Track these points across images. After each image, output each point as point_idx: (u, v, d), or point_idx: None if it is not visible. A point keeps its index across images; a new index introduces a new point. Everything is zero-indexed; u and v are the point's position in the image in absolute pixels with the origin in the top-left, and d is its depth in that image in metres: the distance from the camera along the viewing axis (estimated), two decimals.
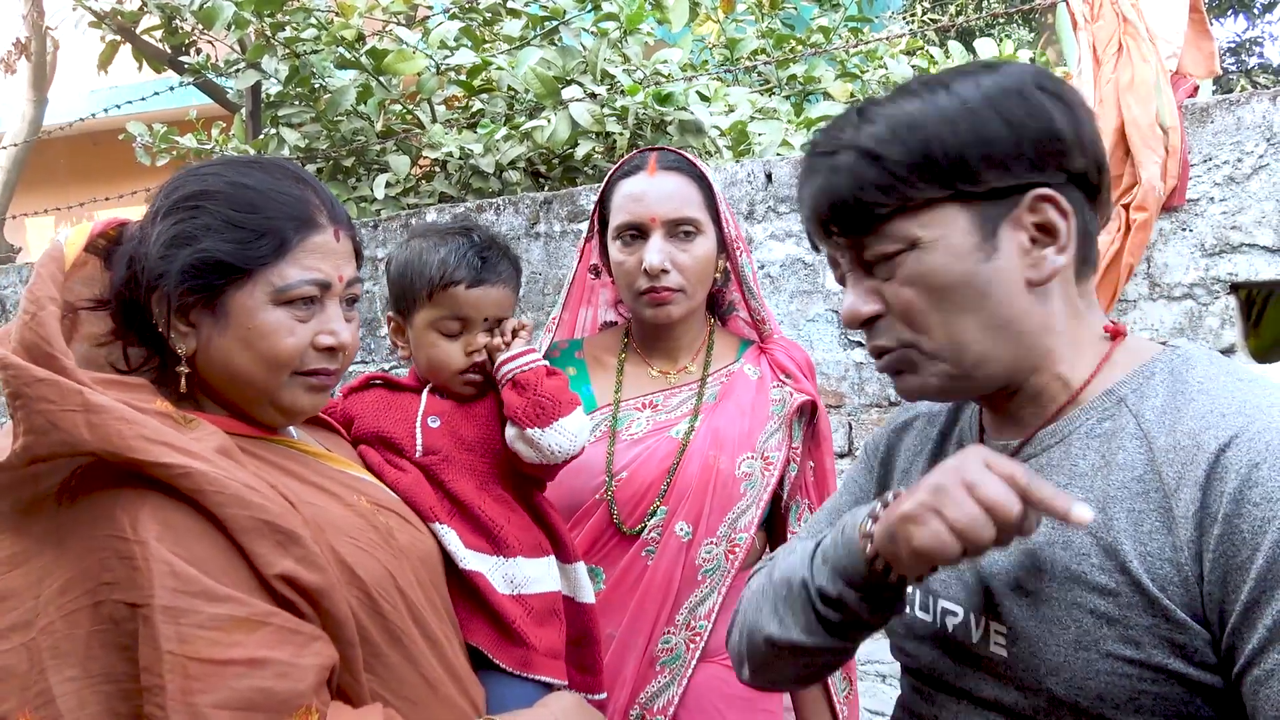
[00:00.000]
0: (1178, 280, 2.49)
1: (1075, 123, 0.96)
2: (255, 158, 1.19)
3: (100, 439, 0.98)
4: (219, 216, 1.10)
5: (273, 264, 1.11)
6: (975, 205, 0.95)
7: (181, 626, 0.96)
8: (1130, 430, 0.93)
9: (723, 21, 4.93)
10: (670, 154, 1.79)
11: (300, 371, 1.15)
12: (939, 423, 1.18)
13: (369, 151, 4.50)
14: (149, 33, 5.22)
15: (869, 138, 0.96)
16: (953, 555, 0.87)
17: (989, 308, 0.96)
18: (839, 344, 2.98)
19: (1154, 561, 0.87)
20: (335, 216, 1.18)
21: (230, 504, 1.01)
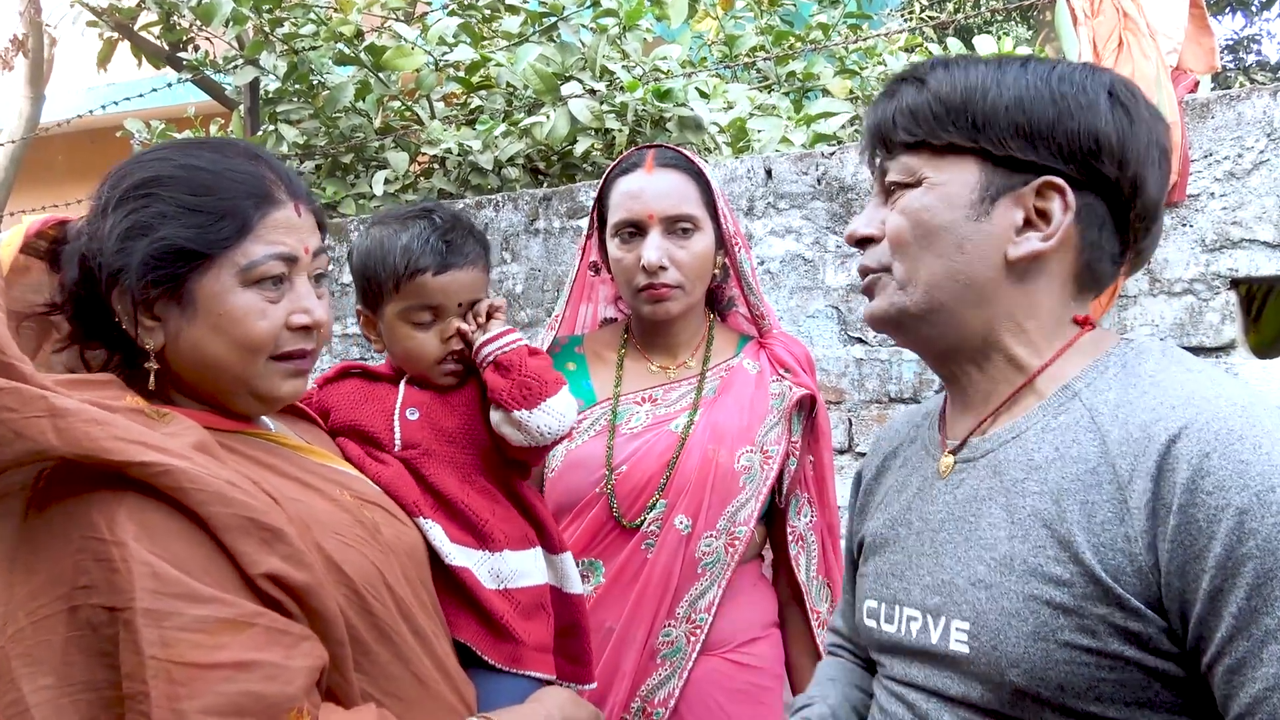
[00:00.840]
0: (1178, 276, 2.49)
1: (1126, 136, 0.98)
2: (201, 138, 1.16)
3: (70, 443, 0.94)
4: (174, 202, 1.06)
5: (236, 245, 1.07)
6: (989, 166, 1.00)
7: (165, 630, 0.92)
8: (1084, 423, 0.95)
9: (721, 18, 4.92)
10: (668, 151, 1.79)
11: (277, 356, 1.11)
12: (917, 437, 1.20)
13: (368, 148, 4.49)
14: (147, 29, 5.21)
15: (934, 75, 1.02)
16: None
17: (958, 261, 1.01)
18: (839, 340, 2.97)
19: (1107, 552, 0.88)
20: (293, 190, 1.14)
21: (212, 501, 0.97)
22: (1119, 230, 1.02)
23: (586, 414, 1.77)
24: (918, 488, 1.12)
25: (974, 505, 1.02)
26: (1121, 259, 1.04)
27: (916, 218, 1.02)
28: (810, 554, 1.82)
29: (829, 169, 3.02)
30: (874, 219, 1.07)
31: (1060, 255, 1.01)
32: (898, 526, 1.12)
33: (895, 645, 1.07)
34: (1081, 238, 1.01)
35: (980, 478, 1.03)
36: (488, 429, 1.41)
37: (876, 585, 1.12)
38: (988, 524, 0.99)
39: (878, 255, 1.07)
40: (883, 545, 1.14)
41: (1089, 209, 1.00)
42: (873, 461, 1.26)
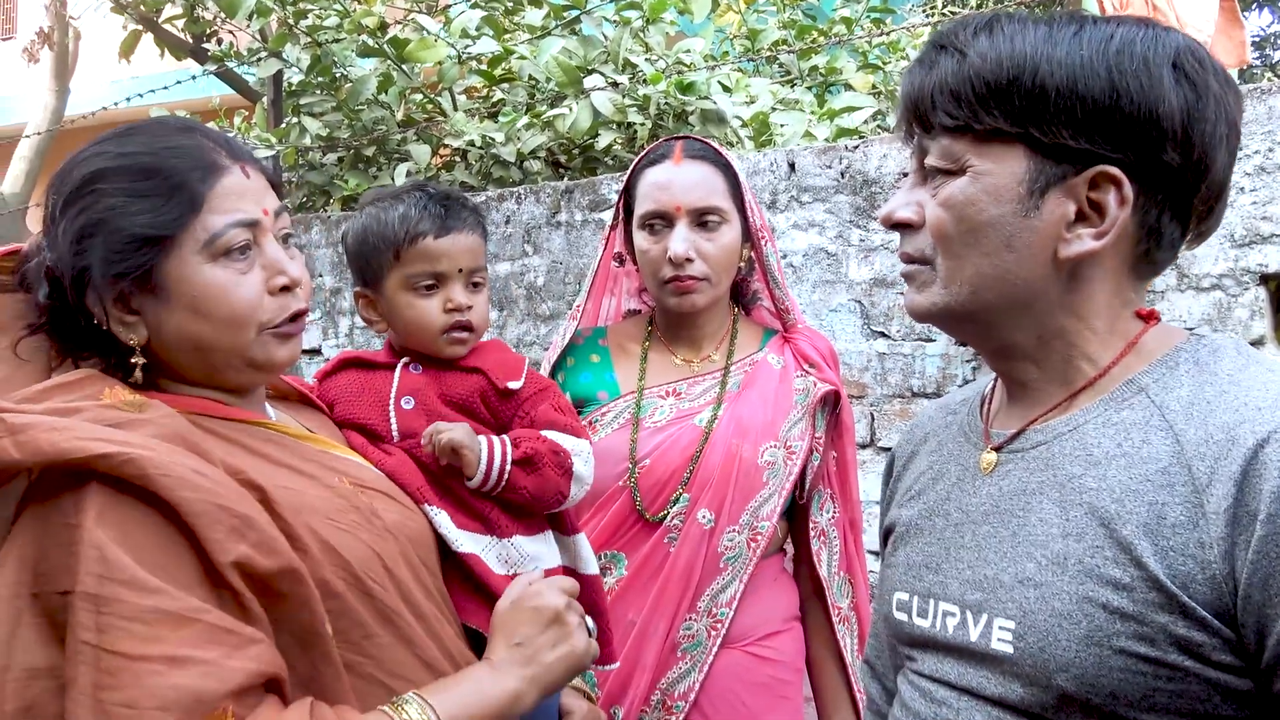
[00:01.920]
0: (1206, 271, 2.46)
1: (1193, 116, 0.89)
2: (133, 124, 1.12)
3: (32, 453, 0.93)
4: (121, 192, 1.04)
5: (192, 220, 1.05)
6: (1037, 157, 0.92)
7: (102, 616, 0.90)
8: (1154, 422, 0.90)
9: (744, 12, 4.90)
10: (696, 143, 1.78)
11: (269, 328, 1.10)
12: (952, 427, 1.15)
13: (390, 141, 4.51)
14: (171, 22, 5.25)
15: (975, 45, 0.93)
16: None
17: (1006, 260, 0.94)
18: (861, 334, 2.96)
19: (1176, 557, 0.83)
20: (235, 153, 1.10)
21: (180, 487, 0.96)
22: (1180, 214, 0.93)
23: (610, 406, 1.77)
24: (956, 477, 1.06)
25: (1022, 499, 0.96)
26: (1181, 241, 0.96)
27: (961, 212, 0.94)
28: (832, 549, 1.81)
29: (853, 162, 3.00)
30: (911, 201, 1.00)
31: (1115, 248, 0.94)
32: (933, 516, 1.07)
33: (928, 640, 1.02)
34: (1139, 226, 0.93)
35: (1030, 470, 0.97)
36: (490, 415, 1.40)
37: (908, 576, 1.07)
38: (1038, 519, 0.93)
39: (918, 244, 0.99)
40: (915, 534, 1.09)
41: (1148, 196, 0.91)
42: (905, 449, 1.21)
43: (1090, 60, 0.89)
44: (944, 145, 0.96)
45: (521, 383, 1.41)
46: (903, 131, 1.02)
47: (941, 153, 0.96)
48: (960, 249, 0.95)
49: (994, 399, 1.09)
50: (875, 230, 2.96)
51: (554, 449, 1.35)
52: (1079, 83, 0.89)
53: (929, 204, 0.98)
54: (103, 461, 0.94)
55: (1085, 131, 0.90)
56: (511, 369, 1.42)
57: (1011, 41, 0.91)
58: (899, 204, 1.01)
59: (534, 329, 3.59)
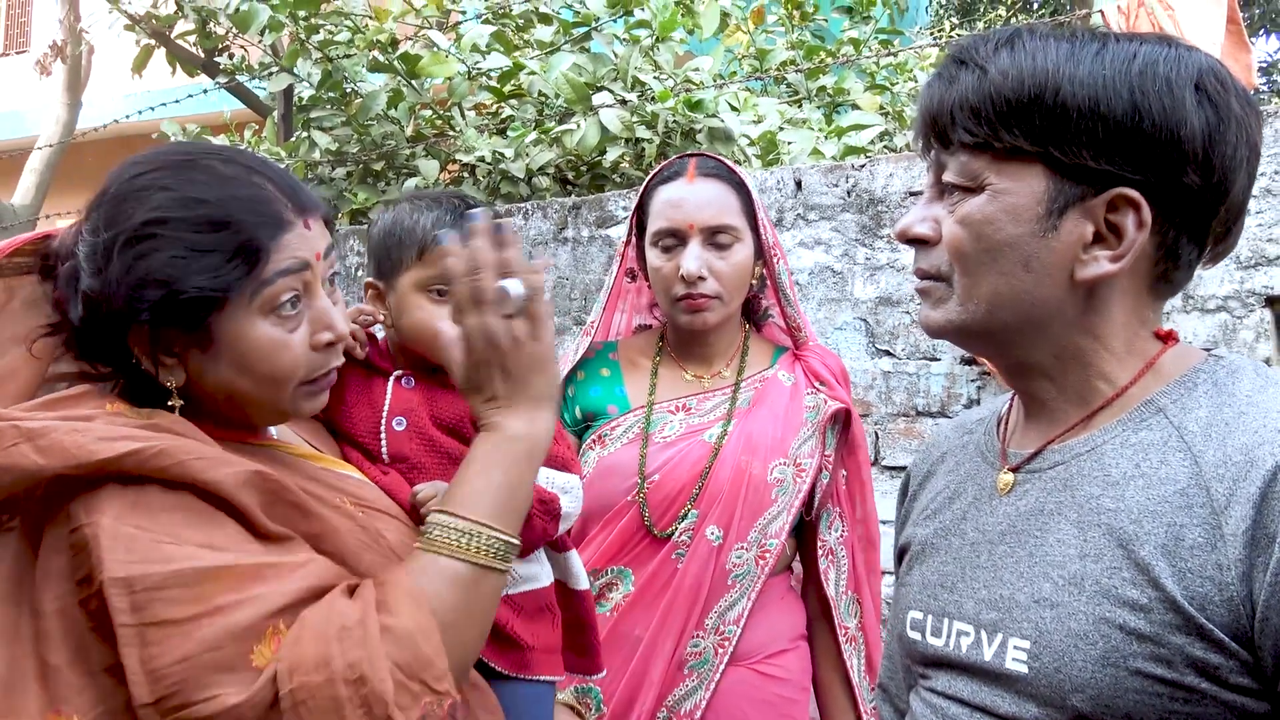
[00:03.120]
0: (1211, 293, 2.47)
1: (1214, 139, 0.89)
2: (194, 154, 1.07)
3: (58, 457, 0.92)
4: (183, 244, 1.00)
5: (251, 276, 1.03)
6: (1057, 176, 0.91)
7: (135, 595, 0.89)
8: (1172, 443, 0.89)
9: (752, 32, 4.93)
10: (709, 160, 1.79)
11: (306, 382, 1.09)
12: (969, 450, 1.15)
13: (399, 156, 4.53)
14: (183, 37, 5.29)
15: (996, 61, 0.92)
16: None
17: (1024, 280, 0.94)
18: (866, 352, 2.97)
19: (1193, 579, 0.83)
20: (300, 205, 1.08)
21: (214, 466, 0.95)
22: (1197, 236, 0.93)
23: (620, 421, 1.77)
24: (973, 497, 1.06)
25: (1040, 519, 0.95)
26: (1198, 262, 0.96)
27: (979, 230, 0.94)
28: (840, 569, 1.81)
29: (859, 181, 3.02)
30: (928, 217, 0.99)
31: (1133, 269, 0.93)
32: (949, 536, 1.06)
33: (941, 659, 1.01)
34: (1157, 248, 0.92)
35: (1047, 490, 0.96)
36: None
37: (922, 595, 1.07)
38: (1055, 540, 0.93)
39: (934, 260, 0.99)
40: (930, 553, 1.08)
41: (1166, 218, 0.91)
42: (921, 468, 1.21)
43: (1113, 80, 0.88)
44: (962, 162, 0.95)
45: None
46: (920, 146, 1.01)
47: (960, 169, 0.95)
48: (977, 267, 0.95)
49: (1011, 419, 1.09)
50: (881, 249, 2.97)
51: (542, 499, 1.32)
52: (1101, 103, 0.88)
53: (946, 220, 0.97)
54: (132, 459, 0.93)
55: (1106, 152, 0.89)
56: None
57: (1033, 59, 0.90)
58: (915, 219, 1.00)
59: None
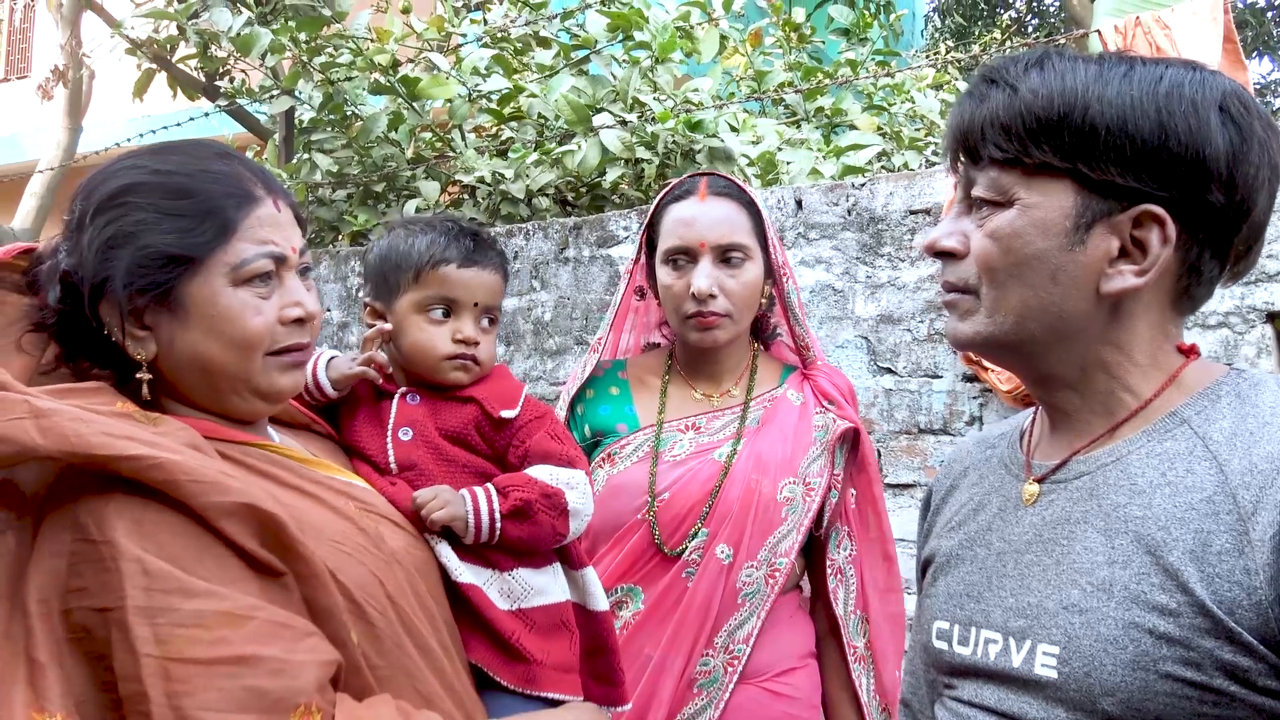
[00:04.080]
0: (1213, 309, 2.48)
1: (1237, 159, 0.92)
2: (169, 142, 1.13)
3: (56, 441, 0.91)
4: (153, 208, 1.03)
5: (222, 245, 1.05)
6: (1085, 192, 0.94)
7: (158, 626, 0.89)
8: (1198, 452, 0.92)
9: (750, 55, 4.97)
10: (720, 179, 1.80)
11: (273, 351, 1.10)
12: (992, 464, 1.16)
13: (399, 177, 4.55)
14: (184, 61, 5.32)
15: (1027, 80, 0.95)
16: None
17: (1051, 293, 0.96)
18: (868, 370, 2.97)
19: (1222, 584, 0.85)
20: (270, 186, 1.11)
21: (210, 491, 0.94)
22: (1219, 253, 0.96)
23: (629, 439, 1.77)
24: (998, 508, 1.08)
25: (1066, 528, 0.97)
26: (1219, 279, 0.99)
27: (1008, 244, 0.96)
28: (849, 588, 1.81)
29: (859, 200, 3.04)
30: (956, 231, 1.02)
31: (1157, 284, 0.96)
32: (975, 546, 1.08)
33: (969, 668, 1.03)
34: (1180, 264, 0.95)
35: (1074, 500, 0.99)
36: (485, 445, 1.38)
37: (949, 605, 1.08)
38: (1082, 547, 0.95)
39: (962, 274, 1.01)
40: (956, 564, 1.10)
41: (1190, 235, 0.94)
42: (944, 483, 1.22)
43: (1140, 100, 0.91)
44: (992, 177, 0.97)
45: (516, 411, 1.39)
46: (948, 162, 1.03)
47: (989, 184, 0.98)
48: (1006, 280, 0.97)
49: (1034, 432, 1.11)
50: (882, 267, 2.98)
51: (545, 492, 1.32)
52: (1129, 122, 0.91)
53: (974, 234, 1.00)
54: (129, 463, 0.93)
55: (1133, 169, 0.92)
56: (507, 397, 1.40)
57: (1063, 78, 0.93)
58: (943, 233, 1.03)
59: (540, 364, 3.61)
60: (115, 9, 6.08)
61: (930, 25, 12.51)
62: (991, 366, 2.63)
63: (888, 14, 6.01)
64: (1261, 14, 12.61)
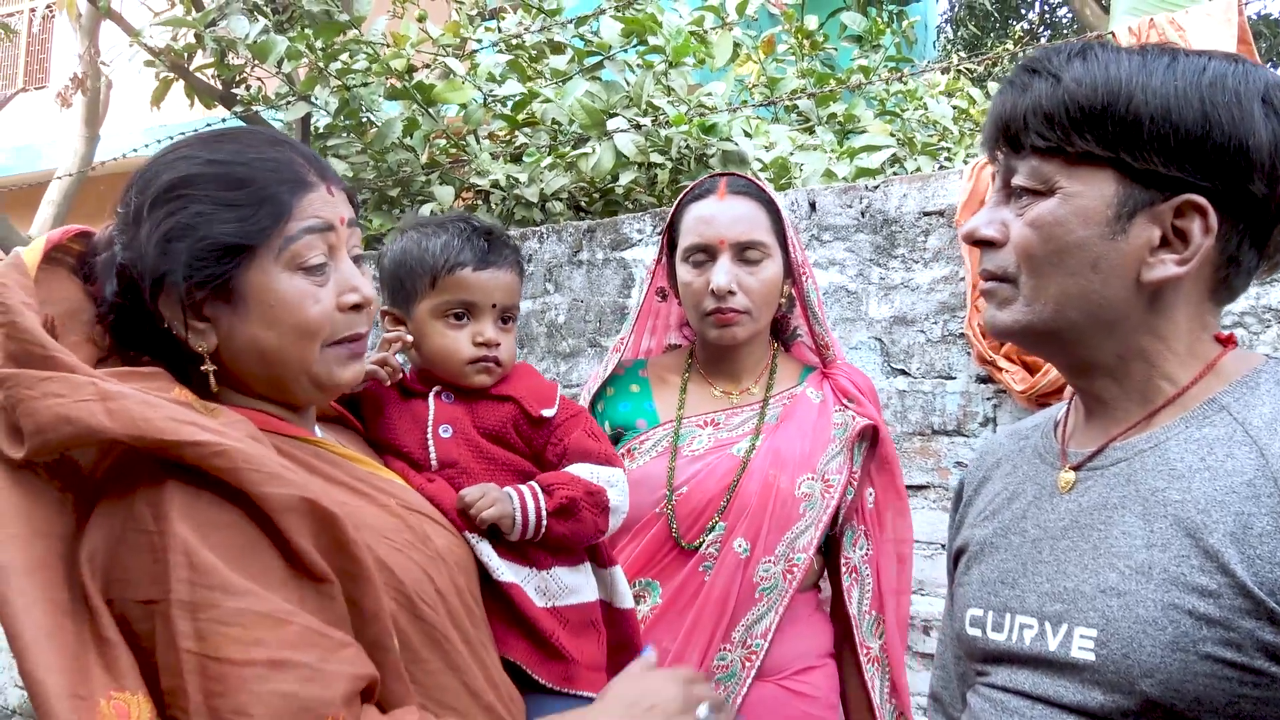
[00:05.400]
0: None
1: (1279, 149, 0.92)
2: (220, 130, 1.13)
3: (124, 424, 0.91)
4: (210, 200, 1.03)
5: (276, 230, 1.05)
6: (1127, 181, 0.94)
7: (199, 622, 0.89)
8: (1238, 437, 0.92)
9: (763, 61, 4.99)
10: (740, 179, 1.82)
11: (332, 342, 1.09)
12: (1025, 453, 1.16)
13: (414, 182, 4.58)
14: (201, 70, 5.36)
15: (1070, 70, 0.95)
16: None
17: (1092, 281, 0.97)
18: (882, 371, 2.97)
19: (1263, 565, 0.85)
20: (323, 173, 1.11)
21: (269, 482, 0.94)
22: (1259, 243, 0.96)
23: (649, 435, 1.79)
24: (1033, 496, 1.08)
25: (1104, 513, 0.98)
26: (1257, 269, 0.99)
27: (1049, 232, 0.97)
28: (864, 587, 1.81)
29: (873, 202, 3.04)
30: (995, 220, 1.02)
31: (1197, 273, 0.96)
32: (1010, 534, 1.08)
33: (1004, 653, 1.03)
34: (1220, 254, 0.96)
35: (1111, 486, 0.99)
36: (523, 444, 1.39)
37: (983, 592, 1.08)
38: (1120, 532, 0.95)
39: (1001, 262, 1.02)
40: (990, 552, 1.10)
41: (1230, 225, 0.94)
42: (976, 474, 1.23)
43: (1184, 91, 0.92)
44: (1033, 166, 0.98)
45: (555, 410, 1.40)
46: (988, 151, 1.04)
47: (1031, 173, 0.98)
48: (1047, 268, 0.98)
49: (1068, 422, 1.11)
50: (895, 269, 2.98)
51: (589, 490, 1.33)
52: (1172, 112, 0.91)
53: (1014, 223, 1.00)
54: (193, 449, 0.93)
55: (1176, 159, 0.92)
56: (545, 396, 1.41)
57: (1106, 69, 0.94)
58: (983, 221, 1.03)
59: (554, 366, 3.62)
60: (134, 18, 6.14)
61: (943, 36, 12.52)
62: (1006, 367, 2.63)
63: (900, 21, 6.03)
64: (1276, 25, 12.58)
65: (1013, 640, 1.02)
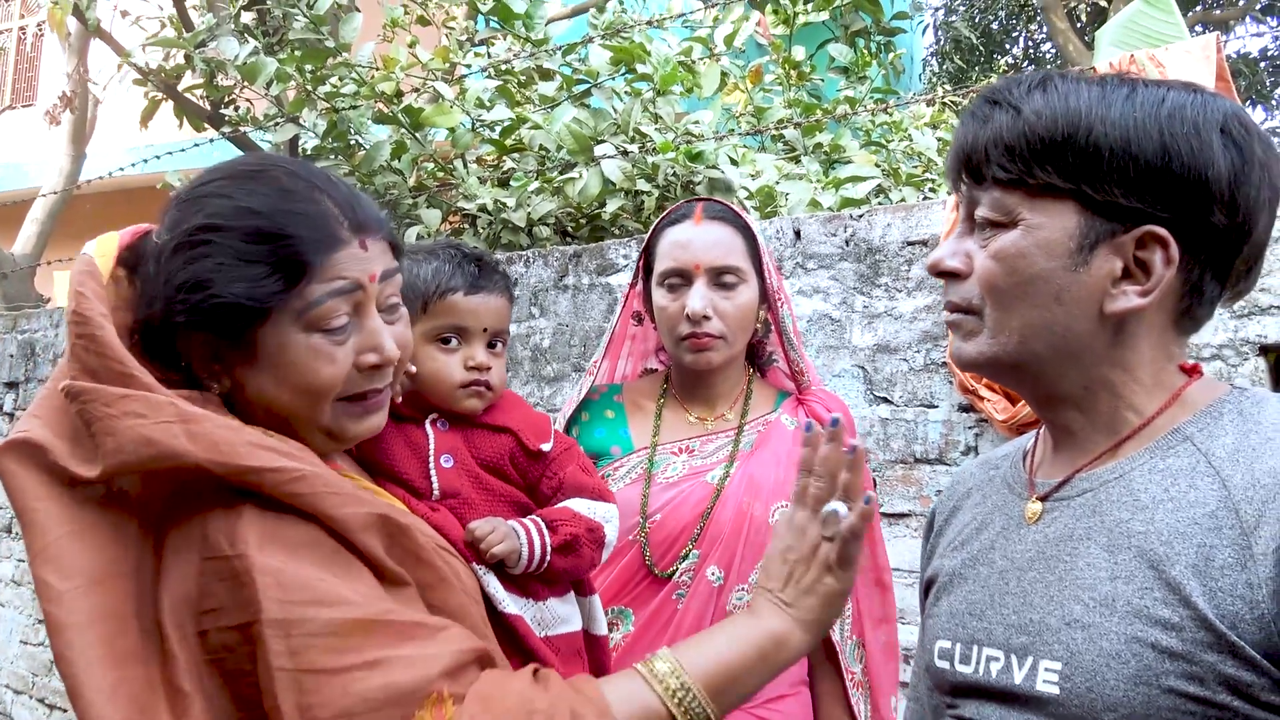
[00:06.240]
0: (1206, 341, 2.49)
1: (1239, 180, 0.92)
2: (261, 165, 1.06)
3: (206, 448, 0.90)
4: (230, 252, 0.99)
5: (296, 291, 1.01)
6: (1088, 213, 0.94)
7: (293, 639, 0.88)
8: (1200, 468, 0.92)
9: (750, 91, 5.03)
10: (716, 204, 1.82)
11: (345, 398, 1.06)
12: (994, 484, 1.16)
13: (401, 205, 4.58)
14: (190, 90, 5.37)
15: (1030, 102, 0.95)
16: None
17: (1055, 313, 0.97)
18: (864, 399, 2.98)
19: (1224, 598, 0.85)
20: (357, 224, 1.05)
21: (347, 504, 0.94)
22: (1221, 274, 0.96)
23: (623, 461, 1.78)
24: (1001, 527, 1.08)
25: (1069, 544, 0.97)
26: (1220, 299, 0.99)
27: (1012, 264, 0.97)
28: (844, 613, 1.80)
29: (857, 231, 3.06)
30: (959, 251, 1.02)
31: (1160, 304, 0.96)
32: (978, 565, 1.08)
33: (972, 686, 1.02)
34: (1182, 284, 0.96)
35: (1076, 517, 0.99)
36: (518, 476, 1.40)
37: (951, 624, 1.07)
38: (1085, 563, 0.95)
39: (965, 294, 1.01)
40: (959, 583, 1.10)
41: (1192, 256, 0.94)
42: (947, 504, 1.22)
43: (1143, 122, 0.92)
44: (996, 198, 0.98)
45: (551, 444, 1.41)
46: (951, 182, 1.04)
47: (993, 205, 0.98)
48: (1010, 300, 0.98)
49: (1037, 452, 1.11)
50: (879, 297, 3.00)
51: (590, 527, 1.35)
52: (1132, 143, 0.91)
53: (978, 254, 1.00)
54: (272, 475, 0.92)
55: (1136, 190, 0.92)
56: (541, 430, 1.42)
57: (1066, 100, 0.94)
58: (947, 253, 1.03)
59: (538, 390, 3.61)
60: (123, 38, 6.15)
61: (928, 69, 12.67)
62: (988, 396, 2.63)
63: (886, 54, 6.10)
64: (1255, 64, 12.80)
65: (980, 673, 1.01)
